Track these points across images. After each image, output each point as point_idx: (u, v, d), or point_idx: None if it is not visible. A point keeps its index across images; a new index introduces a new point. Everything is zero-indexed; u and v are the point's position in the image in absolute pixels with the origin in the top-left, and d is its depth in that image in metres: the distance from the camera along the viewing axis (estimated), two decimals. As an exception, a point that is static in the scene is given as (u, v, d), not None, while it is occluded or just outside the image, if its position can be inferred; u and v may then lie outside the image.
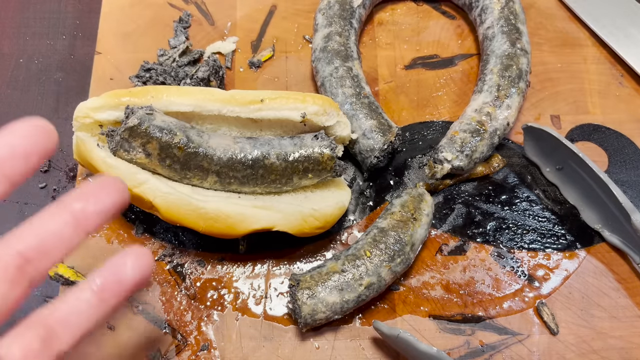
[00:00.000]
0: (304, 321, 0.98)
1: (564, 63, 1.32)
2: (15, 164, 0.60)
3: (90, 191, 0.66)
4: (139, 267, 0.67)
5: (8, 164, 0.60)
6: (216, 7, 1.36)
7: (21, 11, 1.37)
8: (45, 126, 0.62)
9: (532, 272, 1.11)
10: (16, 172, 0.60)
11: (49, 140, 0.62)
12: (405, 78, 1.30)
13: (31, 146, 0.61)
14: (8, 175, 0.59)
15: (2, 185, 0.60)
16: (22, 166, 0.61)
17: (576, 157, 1.10)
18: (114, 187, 0.67)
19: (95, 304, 0.65)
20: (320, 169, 1.01)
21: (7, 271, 0.59)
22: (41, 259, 0.61)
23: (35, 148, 0.61)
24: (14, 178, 0.60)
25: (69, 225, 0.63)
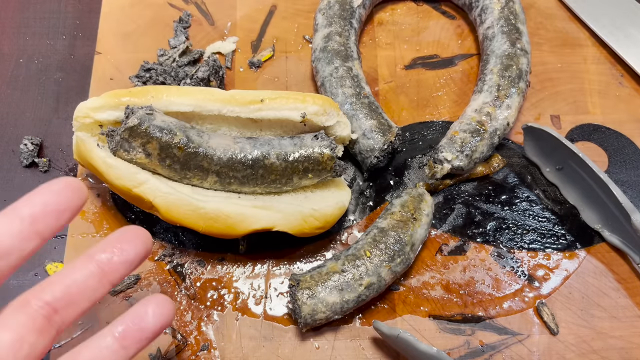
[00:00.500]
0: (304, 321, 0.98)
1: (564, 63, 1.32)
2: (48, 221, 0.62)
3: (116, 242, 0.68)
4: (160, 314, 0.69)
5: (41, 221, 0.62)
6: (216, 7, 1.36)
7: (21, 11, 1.37)
8: (76, 183, 0.65)
9: (532, 272, 1.11)
10: (48, 228, 0.63)
11: (79, 197, 0.64)
12: (405, 78, 1.30)
13: (63, 203, 0.63)
14: (40, 231, 0.62)
15: (34, 241, 0.62)
16: (54, 223, 0.63)
17: (576, 157, 1.10)
18: (138, 238, 0.69)
19: (117, 351, 0.66)
20: (320, 169, 1.01)
21: (36, 321, 0.61)
22: (68, 309, 0.63)
23: (67, 205, 0.63)
24: (45, 234, 0.63)
25: (94, 276, 0.65)
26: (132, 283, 1.07)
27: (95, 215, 1.13)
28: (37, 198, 0.63)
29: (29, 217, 0.61)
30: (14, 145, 1.21)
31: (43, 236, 0.62)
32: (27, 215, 0.61)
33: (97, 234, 1.12)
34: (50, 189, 0.63)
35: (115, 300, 1.06)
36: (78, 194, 0.64)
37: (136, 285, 1.08)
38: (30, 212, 0.61)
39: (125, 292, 1.07)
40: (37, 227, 0.61)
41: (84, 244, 1.10)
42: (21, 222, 0.61)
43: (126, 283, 1.07)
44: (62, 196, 0.63)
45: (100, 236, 1.12)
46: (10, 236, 0.60)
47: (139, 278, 1.08)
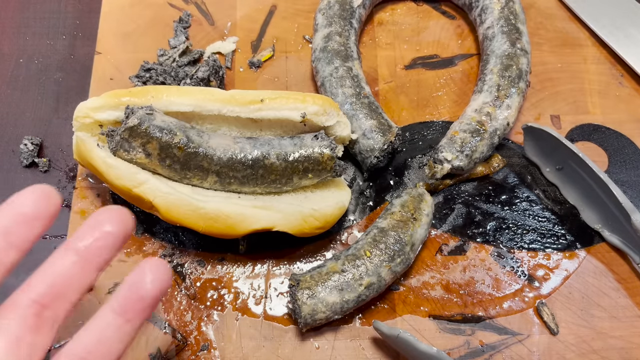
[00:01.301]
0: (304, 321, 0.98)
1: (564, 63, 1.32)
2: (21, 231, 0.61)
3: (93, 227, 0.66)
4: (158, 279, 0.65)
5: (14, 232, 0.61)
6: (216, 7, 1.36)
7: (21, 11, 1.37)
8: (47, 191, 0.63)
9: (532, 272, 1.11)
10: (22, 239, 0.62)
11: (51, 204, 0.63)
12: (405, 78, 1.30)
13: (35, 212, 0.62)
14: (15, 243, 0.61)
15: (12, 253, 0.61)
16: (27, 232, 0.62)
17: (576, 157, 1.10)
18: (116, 218, 0.66)
19: (121, 326, 0.64)
20: (320, 169, 1.01)
21: (28, 320, 0.60)
22: (57, 303, 0.62)
23: (38, 213, 0.62)
24: (22, 246, 0.62)
25: (76, 265, 0.64)
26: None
27: (95, 215, 1.13)
28: (6, 210, 0.62)
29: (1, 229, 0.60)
30: (14, 145, 1.21)
31: (20, 248, 0.61)
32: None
33: (97, 234, 1.12)
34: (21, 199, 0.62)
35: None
36: (50, 200, 0.63)
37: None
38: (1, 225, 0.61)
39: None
40: (10, 239, 0.61)
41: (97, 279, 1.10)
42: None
43: (126, 283, 1.07)
44: (33, 205, 0.62)
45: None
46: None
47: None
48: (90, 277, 0.64)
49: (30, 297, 0.61)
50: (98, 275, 0.65)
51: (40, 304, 0.61)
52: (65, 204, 1.15)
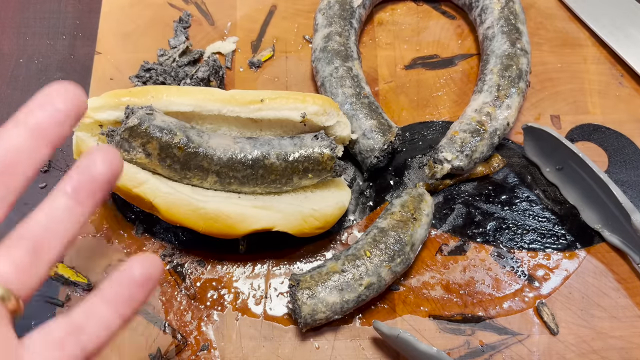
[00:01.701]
0: (304, 321, 0.98)
1: (564, 63, 1.32)
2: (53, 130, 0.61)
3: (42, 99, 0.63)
4: (109, 160, 0.64)
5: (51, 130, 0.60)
6: (216, 7, 1.36)
7: (21, 11, 1.37)
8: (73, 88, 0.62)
9: (532, 272, 1.11)
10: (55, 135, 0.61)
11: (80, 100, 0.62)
12: (405, 78, 1.30)
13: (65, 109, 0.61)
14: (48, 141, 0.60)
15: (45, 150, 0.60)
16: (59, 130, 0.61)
17: (576, 157, 1.10)
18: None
19: (73, 207, 0.63)
20: (320, 169, 1.01)
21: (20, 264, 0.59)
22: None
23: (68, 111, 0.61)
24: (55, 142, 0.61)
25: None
26: (132, 283, 1.07)
27: (95, 215, 1.13)
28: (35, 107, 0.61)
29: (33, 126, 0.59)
30: (14, 145, 1.21)
31: (52, 145, 0.60)
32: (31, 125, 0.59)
33: (97, 233, 1.12)
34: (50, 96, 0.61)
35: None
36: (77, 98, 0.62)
37: (136, 285, 1.07)
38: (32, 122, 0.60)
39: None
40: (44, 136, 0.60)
41: (83, 244, 1.10)
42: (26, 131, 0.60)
43: (126, 283, 1.07)
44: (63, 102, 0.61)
45: (100, 236, 1.12)
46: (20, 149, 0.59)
47: (139, 278, 1.08)
48: (45, 151, 0.62)
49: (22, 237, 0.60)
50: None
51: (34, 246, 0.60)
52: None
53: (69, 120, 0.63)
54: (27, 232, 0.61)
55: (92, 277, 1.08)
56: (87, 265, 1.09)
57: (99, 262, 1.09)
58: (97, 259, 1.10)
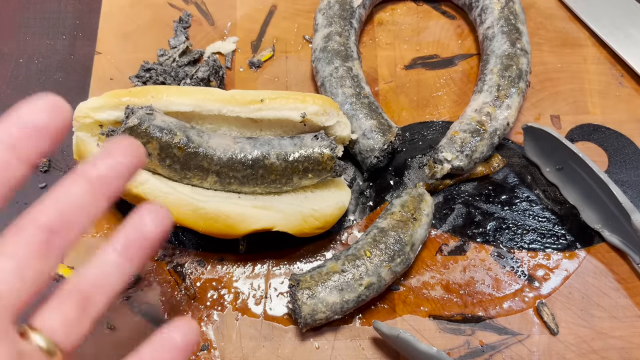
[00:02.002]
0: (304, 321, 0.98)
1: (564, 63, 1.32)
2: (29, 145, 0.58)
3: (104, 155, 0.64)
4: (159, 219, 0.66)
5: (23, 145, 0.58)
6: (216, 7, 1.36)
7: (21, 11, 1.37)
8: (56, 101, 0.60)
9: (532, 272, 1.11)
10: (31, 152, 0.59)
11: (62, 116, 0.60)
12: (405, 78, 1.30)
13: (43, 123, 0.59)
14: (23, 157, 0.58)
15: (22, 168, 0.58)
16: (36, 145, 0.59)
17: (576, 157, 1.10)
18: (127, 147, 0.65)
19: (122, 264, 0.65)
20: (320, 169, 1.01)
21: (35, 245, 0.59)
22: (66, 230, 0.61)
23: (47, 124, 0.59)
24: (31, 159, 0.59)
25: (87, 193, 0.62)
26: (132, 283, 1.07)
27: (95, 215, 1.13)
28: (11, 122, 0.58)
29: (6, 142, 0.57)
30: (14, 145, 1.21)
31: (28, 162, 0.58)
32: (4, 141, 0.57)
33: (97, 234, 1.12)
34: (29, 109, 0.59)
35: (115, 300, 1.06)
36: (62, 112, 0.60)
37: (136, 286, 1.08)
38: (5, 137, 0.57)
39: (125, 292, 1.07)
40: (19, 153, 0.57)
41: (84, 244, 1.10)
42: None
43: (126, 283, 1.07)
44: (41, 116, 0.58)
45: (100, 236, 1.12)
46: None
47: (139, 278, 1.08)
48: (101, 204, 0.63)
49: (40, 221, 0.59)
50: (107, 204, 0.64)
51: (50, 229, 0.60)
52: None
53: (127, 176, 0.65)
54: (76, 287, 0.62)
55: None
56: (87, 265, 1.09)
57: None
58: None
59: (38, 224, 0.59)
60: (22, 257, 0.58)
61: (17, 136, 0.58)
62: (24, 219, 0.60)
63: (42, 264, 0.59)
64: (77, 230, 0.62)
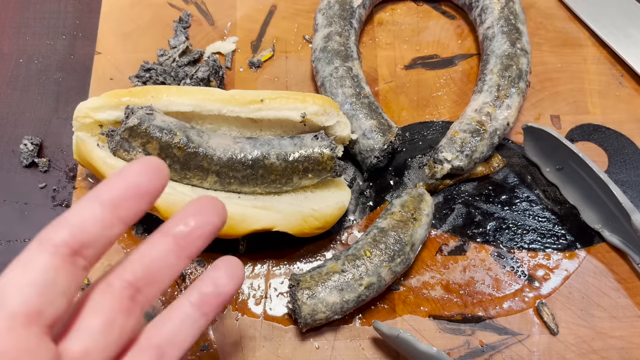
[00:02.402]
0: (304, 321, 0.98)
1: (564, 63, 1.32)
2: (129, 206, 0.59)
3: (190, 214, 0.65)
4: (233, 276, 0.69)
5: (122, 207, 0.59)
6: (216, 7, 1.36)
7: (21, 11, 1.37)
8: (157, 163, 0.61)
9: (532, 272, 1.11)
10: (129, 213, 0.60)
11: (159, 178, 0.61)
12: (405, 78, 1.30)
13: (144, 186, 0.60)
14: (122, 217, 0.59)
15: (117, 227, 0.59)
16: (135, 207, 0.60)
17: (576, 157, 1.10)
18: (212, 208, 0.66)
19: (197, 319, 0.66)
20: (320, 169, 1.01)
21: (122, 302, 0.60)
22: (150, 287, 0.62)
23: (147, 188, 0.60)
24: (128, 219, 0.60)
25: (173, 252, 0.63)
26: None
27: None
28: (117, 183, 0.60)
29: (110, 202, 0.58)
30: (14, 145, 1.21)
31: (125, 221, 0.59)
32: (108, 201, 0.58)
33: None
34: (131, 172, 0.60)
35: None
36: (159, 175, 0.61)
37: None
38: (110, 198, 0.58)
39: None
40: (119, 213, 0.59)
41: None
42: (102, 208, 0.59)
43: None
44: (141, 178, 0.60)
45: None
46: (94, 224, 0.58)
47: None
48: (183, 264, 0.64)
49: (127, 278, 0.61)
50: (189, 263, 0.65)
51: (135, 287, 0.61)
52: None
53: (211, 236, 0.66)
54: (152, 339, 0.64)
55: (92, 277, 1.08)
56: (87, 265, 1.09)
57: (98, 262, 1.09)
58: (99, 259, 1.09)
59: (125, 280, 0.61)
60: (109, 314, 0.59)
61: (120, 197, 0.59)
62: (111, 274, 0.61)
63: (127, 321, 0.60)
64: (159, 288, 0.63)
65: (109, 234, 0.59)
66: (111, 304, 0.59)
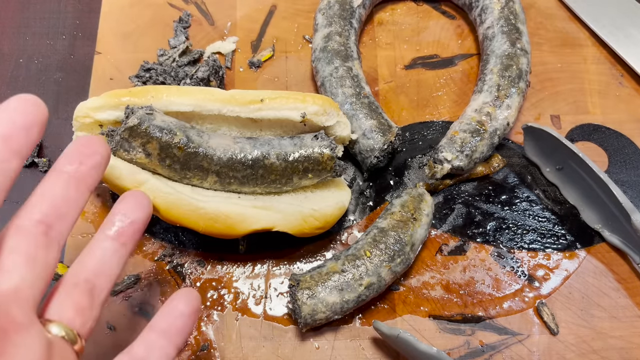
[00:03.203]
0: (304, 321, 0.98)
1: (564, 63, 1.32)
2: (20, 138, 0.62)
3: (76, 152, 0.70)
4: (143, 204, 0.75)
5: (14, 139, 0.61)
6: (216, 7, 1.36)
7: (21, 11, 1.37)
8: (35, 99, 0.65)
9: (532, 272, 1.11)
10: (22, 145, 0.62)
11: (41, 111, 0.65)
12: (405, 78, 1.30)
13: (30, 118, 0.63)
14: (15, 149, 0.61)
15: (15, 160, 0.61)
16: (26, 139, 0.62)
17: (576, 157, 1.10)
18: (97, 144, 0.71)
19: (118, 249, 0.71)
20: (320, 169, 1.01)
21: (37, 239, 0.62)
22: (60, 222, 0.65)
23: (33, 120, 0.63)
24: (22, 152, 0.62)
25: (71, 186, 0.67)
26: (131, 283, 1.07)
27: (95, 215, 1.13)
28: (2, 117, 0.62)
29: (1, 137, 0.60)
30: (14, 145, 1.21)
31: (20, 154, 0.62)
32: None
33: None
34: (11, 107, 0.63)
35: (115, 300, 1.06)
36: (40, 108, 0.65)
37: (136, 286, 1.08)
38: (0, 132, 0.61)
39: (125, 292, 1.07)
40: (12, 146, 0.61)
41: (84, 243, 1.10)
42: None
43: (126, 283, 1.07)
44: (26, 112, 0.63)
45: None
46: None
47: (139, 278, 1.08)
48: (86, 196, 0.68)
49: (35, 217, 0.63)
50: (90, 195, 0.69)
51: (45, 223, 0.63)
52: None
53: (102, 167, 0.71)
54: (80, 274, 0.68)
55: None
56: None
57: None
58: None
59: (34, 219, 0.63)
60: (28, 250, 0.61)
61: (8, 131, 0.61)
62: (18, 217, 0.64)
63: (47, 253, 0.62)
64: (69, 221, 0.66)
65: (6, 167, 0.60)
66: (27, 242, 0.62)
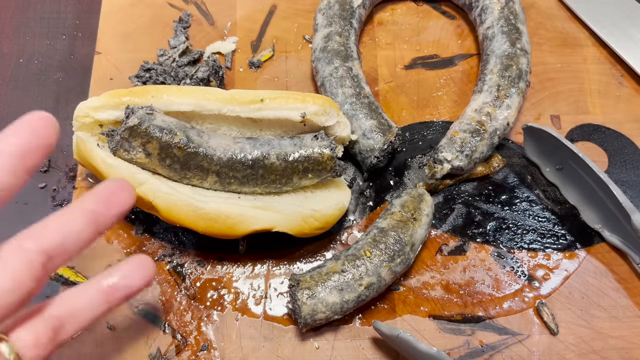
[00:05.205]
0: (304, 321, 0.98)
1: (564, 63, 1.32)
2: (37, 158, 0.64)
3: (106, 193, 0.71)
4: (145, 276, 0.75)
5: (31, 158, 0.63)
6: (216, 7, 1.36)
7: (21, 11, 1.37)
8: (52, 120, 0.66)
9: (532, 272, 1.11)
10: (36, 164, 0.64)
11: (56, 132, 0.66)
12: (405, 78, 1.30)
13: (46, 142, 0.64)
14: (29, 167, 0.63)
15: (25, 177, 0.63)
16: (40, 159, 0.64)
17: (576, 157, 1.10)
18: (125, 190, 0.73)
19: (100, 304, 0.72)
20: (320, 169, 1.01)
21: (34, 267, 0.63)
22: (60, 257, 0.66)
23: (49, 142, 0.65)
24: (33, 170, 0.64)
25: (90, 227, 0.68)
26: (132, 283, 1.07)
27: (95, 215, 1.13)
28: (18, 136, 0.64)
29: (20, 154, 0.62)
30: (14, 145, 1.21)
31: (31, 173, 0.64)
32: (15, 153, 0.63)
33: (97, 234, 1.12)
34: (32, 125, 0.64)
35: (115, 300, 1.06)
36: (55, 129, 0.66)
37: (136, 285, 1.07)
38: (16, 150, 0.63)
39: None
40: (27, 164, 0.63)
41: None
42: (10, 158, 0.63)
43: (126, 283, 1.07)
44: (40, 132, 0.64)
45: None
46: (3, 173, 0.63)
47: (139, 278, 1.08)
48: (93, 239, 0.69)
49: (43, 246, 0.64)
50: (97, 237, 0.71)
51: (49, 255, 0.64)
52: (65, 204, 1.15)
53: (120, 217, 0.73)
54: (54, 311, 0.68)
55: (92, 277, 1.08)
56: (87, 265, 1.09)
57: (98, 262, 1.09)
58: (97, 259, 1.09)
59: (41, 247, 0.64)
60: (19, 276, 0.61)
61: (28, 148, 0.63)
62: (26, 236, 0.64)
63: (35, 285, 0.63)
64: (67, 259, 0.67)
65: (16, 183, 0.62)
66: (22, 267, 0.62)
